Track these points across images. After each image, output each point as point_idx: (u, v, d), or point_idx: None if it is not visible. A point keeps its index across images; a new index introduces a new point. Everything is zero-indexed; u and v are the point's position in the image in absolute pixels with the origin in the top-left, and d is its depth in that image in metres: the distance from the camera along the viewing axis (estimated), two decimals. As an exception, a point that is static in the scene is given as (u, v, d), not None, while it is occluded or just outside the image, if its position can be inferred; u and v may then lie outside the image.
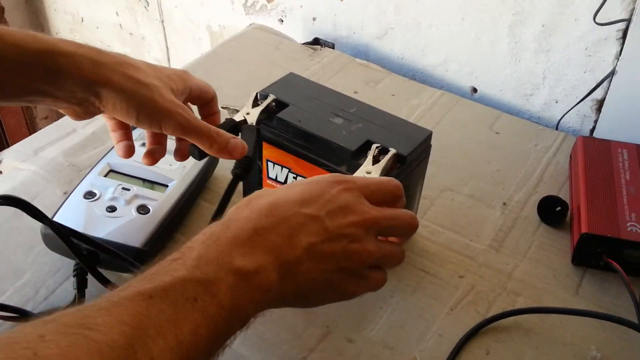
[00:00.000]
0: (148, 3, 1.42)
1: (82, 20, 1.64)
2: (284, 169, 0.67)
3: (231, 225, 0.43)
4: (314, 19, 1.14)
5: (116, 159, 0.67)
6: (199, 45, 1.39)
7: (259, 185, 0.71)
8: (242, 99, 0.67)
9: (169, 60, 1.50)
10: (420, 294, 0.65)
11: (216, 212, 0.57)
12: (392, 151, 0.60)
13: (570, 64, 0.88)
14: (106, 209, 0.63)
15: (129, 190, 0.64)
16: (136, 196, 0.64)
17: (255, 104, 0.66)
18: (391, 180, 0.51)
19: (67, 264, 0.63)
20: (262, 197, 0.46)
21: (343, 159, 0.61)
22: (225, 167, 0.77)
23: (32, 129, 1.94)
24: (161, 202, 0.65)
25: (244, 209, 0.45)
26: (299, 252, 0.43)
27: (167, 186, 0.65)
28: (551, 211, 0.74)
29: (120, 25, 1.55)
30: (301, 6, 1.15)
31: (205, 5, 1.31)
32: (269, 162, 0.68)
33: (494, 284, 0.66)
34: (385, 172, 0.59)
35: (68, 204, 0.65)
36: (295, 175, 0.67)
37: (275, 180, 0.69)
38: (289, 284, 0.43)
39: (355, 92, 0.96)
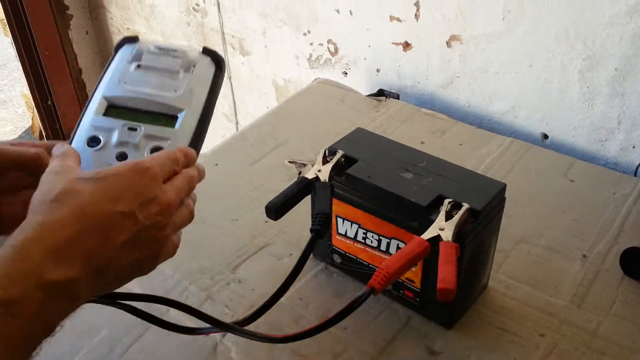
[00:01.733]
0: (216, 60, 1.48)
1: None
2: (353, 224, 0.67)
3: (44, 231, 0.41)
4: (377, 70, 1.15)
5: (112, 90, 0.55)
6: (266, 100, 1.42)
7: (328, 240, 0.71)
8: (309, 152, 0.68)
9: (236, 114, 1.54)
10: (499, 353, 0.62)
11: (294, 270, 0.57)
12: (465, 206, 0.59)
13: (647, 108, 0.85)
14: (116, 158, 0.53)
15: (136, 130, 0.54)
16: (146, 136, 0.53)
17: (325, 160, 0.66)
18: (175, 151, 0.51)
19: (141, 323, 0.64)
20: (74, 196, 0.43)
21: (415, 215, 0.61)
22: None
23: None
24: (175, 140, 0.54)
25: (56, 208, 0.43)
26: (112, 252, 0.43)
27: (176, 118, 0.55)
28: (635, 264, 0.70)
29: (189, 82, 1.61)
30: (365, 58, 1.16)
31: (271, 61, 1.35)
32: (338, 218, 0.68)
33: (577, 343, 0.63)
34: (459, 227, 0.58)
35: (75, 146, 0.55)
36: (365, 231, 0.66)
37: (345, 235, 0.68)
38: (98, 285, 0.44)
39: (422, 143, 0.95)
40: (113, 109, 0.55)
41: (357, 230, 0.67)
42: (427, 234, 0.56)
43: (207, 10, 1.41)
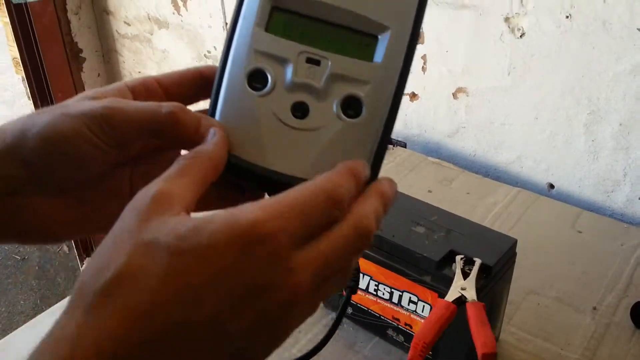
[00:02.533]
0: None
1: (164, 121, 1.75)
2: (365, 276, 0.68)
3: (76, 345, 0.25)
4: (385, 118, 1.18)
5: None
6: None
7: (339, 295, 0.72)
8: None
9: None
10: (512, 408, 0.63)
11: (331, 330, 0.47)
12: (478, 261, 0.60)
13: (652, 161, 0.87)
14: (292, 112, 0.35)
15: (319, 63, 0.35)
16: (334, 76, 0.35)
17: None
18: (338, 176, 0.32)
19: None
20: (130, 288, 0.26)
21: (427, 269, 0.62)
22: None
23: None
24: (376, 88, 0.35)
25: (101, 306, 0.26)
26: None
27: (375, 42, 0.36)
28: (645, 317, 0.71)
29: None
30: (373, 107, 1.19)
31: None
32: (352, 270, 0.69)
33: (590, 398, 0.63)
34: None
35: (225, 98, 0.36)
36: (377, 283, 0.67)
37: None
38: None
39: (430, 192, 0.97)
40: (279, 15, 0.36)
41: (369, 282, 0.68)
42: (451, 296, 0.57)
43: (218, 58, 1.45)
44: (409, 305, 0.65)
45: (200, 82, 0.40)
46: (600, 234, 0.87)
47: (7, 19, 1.65)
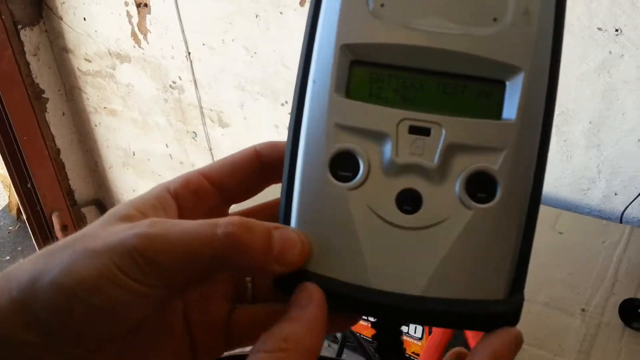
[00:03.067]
0: (196, 134, 1.49)
1: (134, 154, 1.73)
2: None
3: None
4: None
5: (357, 29, 0.28)
6: (248, 169, 1.44)
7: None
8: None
9: (219, 184, 1.55)
10: (513, 421, 0.62)
11: None
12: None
13: (624, 157, 0.88)
14: (397, 204, 0.27)
15: (428, 132, 0.27)
16: (450, 147, 0.27)
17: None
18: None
19: None
20: None
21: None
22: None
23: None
24: (515, 150, 0.27)
25: None
26: None
27: (503, 89, 0.27)
28: (634, 314, 0.71)
29: (170, 155, 1.62)
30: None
31: (251, 132, 1.37)
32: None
33: (590, 402, 0.63)
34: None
35: (301, 196, 0.28)
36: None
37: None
38: None
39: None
40: (363, 72, 0.27)
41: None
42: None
43: (184, 87, 1.44)
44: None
45: (259, 167, 0.32)
46: (581, 233, 0.88)
47: (-36, 66, 1.62)
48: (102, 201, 1.98)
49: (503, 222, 0.26)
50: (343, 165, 0.26)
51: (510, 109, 0.26)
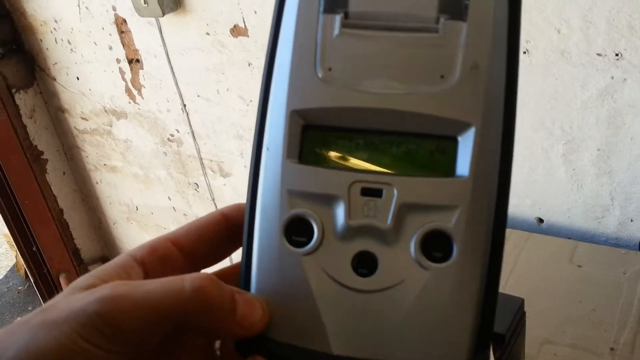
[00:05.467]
0: (198, 185, 1.48)
1: (137, 209, 1.71)
2: None
3: None
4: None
5: (304, 93, 0.27)
6: (253, 216, 1.42)
7: None
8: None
9: (225, 233, 1.52)
10: None
11: None
12: (488, 334, 0.57)
13: (636, 182, 0.85)
14: (352, 267, 0.26)
15: (380, 193, 0.26)
16: (402, 207, 0.26)
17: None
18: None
19: None
20: None
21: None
22: None
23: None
24: (470, 207, 0.26)
25: None
26: None
27: (455, 150, 0.26)
28: (667, 350, 0.68)
29: (173, 208, 1.60)
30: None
31: (252, 179, 1.35)
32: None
33: None
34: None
35: (259, 262, 0.28)
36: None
37: None
38: None
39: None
40: (314, 136, 0.27)
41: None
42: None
43: (182, 139, 1.42)
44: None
45: (226, 230, 0.31)
46: (600, 264, 0.85)
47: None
48: (109, 258, 1.95)
49: (462, 281, 0.25)
50: (297, 230, 0.26)
51: (464, 166, 0.25)
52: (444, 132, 0.26)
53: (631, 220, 0.89)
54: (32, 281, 1.84)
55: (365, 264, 0.26)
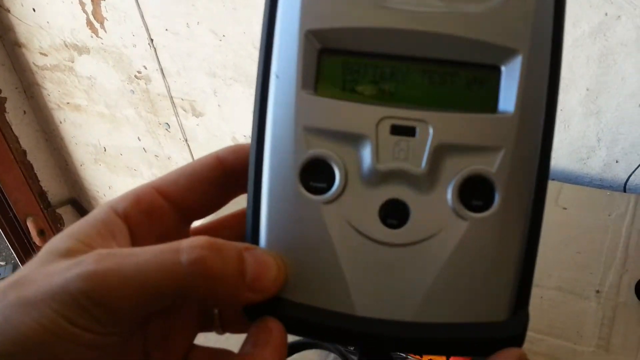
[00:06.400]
0: (169, 125, 1.42)
1: (105, 150, 1.65)
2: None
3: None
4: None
5: (317, 15, 0.23)
6: (227, 157, 1.38)
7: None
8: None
9: (198, 174, 1.48)
10: None
11: None
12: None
13: (624, 123, 0.84)
14: (380, 217, 0.23)
15: (412, 132, 0.23)
16: (443, 148, 0.23)
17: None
18: None
19: None
20: None
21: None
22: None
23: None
24: (515, 148, 0.23)
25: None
26: None
27: (498, 80, 0.23)
28: (652, 293, 0.69)
29: (143, 149, 1.54)
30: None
31: (226, 120, 1.30)
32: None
33: (617, 394, 0.61)
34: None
35: (270, 212, 0.24)
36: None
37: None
38: None
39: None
40: (334, 62, 0.23)
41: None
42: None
43: (150, 76, 1.35)
44: None
45: (222, 176, 0.27)
46: (585, 206, 0.84)
47: None
48: (78, 199, 1.90)
49: (503, 233, 0.23)
50: (316, 174, 0.23)
51: (508, 100, 0.22)
52: (487, 61, 0.22)
53: (617, 162, 0.88)
54: (-2, 225, 1.78)
55: (395, 213, 0.23)
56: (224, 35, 1.16)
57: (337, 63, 0.23)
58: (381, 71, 0.23)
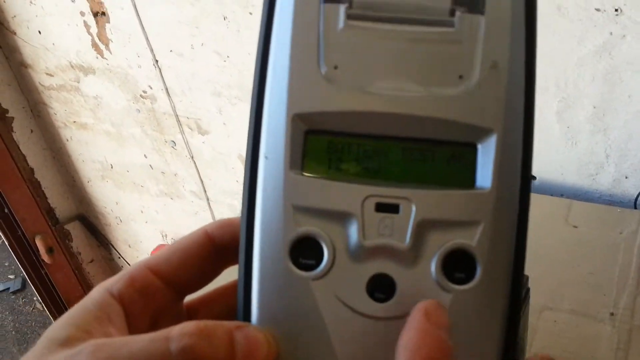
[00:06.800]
0: (175, 143, 1.42)
1: (112, 167, 1.65)
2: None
3: None
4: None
5: (306, 93, 0.24)
6: (234, 174, 1.38)
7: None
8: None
9: (205, 191, 1.49)
10: None
11: None
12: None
13: (633, 139, 0.84)
14: (367, 292, 0.24)
15: (396, 209, 0.24)
16: (421, 224, 0.24)
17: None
18: None
19: None
20: None
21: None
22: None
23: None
24: (493, 221, 0.24)
25: None
26: None
27: (474, 158, 0.24)
28: (666, 315, 0.68)
29: (150, 166, 1.55)
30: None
31: (232, 137, 1.31)
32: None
33: (633, 420, 0.61)
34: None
35: (261, 289, 0.25)
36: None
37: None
38: None
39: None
40: (319, 142, 0.24)
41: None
42: None
43: (156, 95, 1.36)
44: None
45: (212, 251, 0.28)
46: (596, 224, 0.84)
47: None
48: (86, 215, 1.91)
49: (486, 303, 0.23)
50: (305, 251, 0.23)
51: (485, 176, 0.24)
52: (462, 139, 0.24)
53: (626, 177, 0.88)
54: (7, 244, 1.79)
55: (381, 287, 0.23)
56: (228, 56, 1.17)
57: (322, 143, 0.24)
58: (365, 150, 0.24)
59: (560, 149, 0.90)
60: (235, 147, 1.33)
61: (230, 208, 1.47)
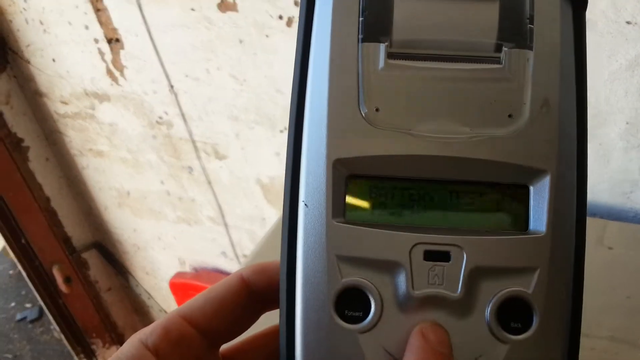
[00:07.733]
0: (192, 168, 1.41)
1: (129, 194, 1.64)
2: None
3: None
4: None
5: (344, 144, 0.23)
6: (253, 199, 1.36)
7: None
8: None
9: (223, 216, 1.46)
10: None
11: None
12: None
13: (668, 156, 0.80)
14: None
15: (446, 258, 0.22)
16: (478, 272, 0.22)
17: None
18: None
19: None
20: None
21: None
22: None
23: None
24: (549, 267, 0.22)
25: None
26: None
27: (527, 200, 0.23)
28: None
29: (167, 192, 1.53)
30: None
31: (250, 162, 1.29)
32: None
33: None
34: None
35: (305, 343, 0.23)
36: None
37: None
38: None
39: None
40: (362, 187, 0.23)
41: None
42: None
43: (172, 121, 1.35)
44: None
45: (247, 297, 0.27)
46: (632, 245, 0.80)
47: None
48: (102, 243, 1.89)
49: (544, 353, 0.22)
50: (351, 303, 0.22)
51: (539, 219, 0.23)
52: (514, 180, 0.23)
53: (662, 195, 0.84)
54: (24, 275, 1.78)
55: None
56: (244, 80, 1.15)
57: (365, 189, 0.23)
58: (410, 195, 0.23)
59: (593, 167, 0.87)
60: (253, 172, 1.30)
61: (249, 233, 1.45)
